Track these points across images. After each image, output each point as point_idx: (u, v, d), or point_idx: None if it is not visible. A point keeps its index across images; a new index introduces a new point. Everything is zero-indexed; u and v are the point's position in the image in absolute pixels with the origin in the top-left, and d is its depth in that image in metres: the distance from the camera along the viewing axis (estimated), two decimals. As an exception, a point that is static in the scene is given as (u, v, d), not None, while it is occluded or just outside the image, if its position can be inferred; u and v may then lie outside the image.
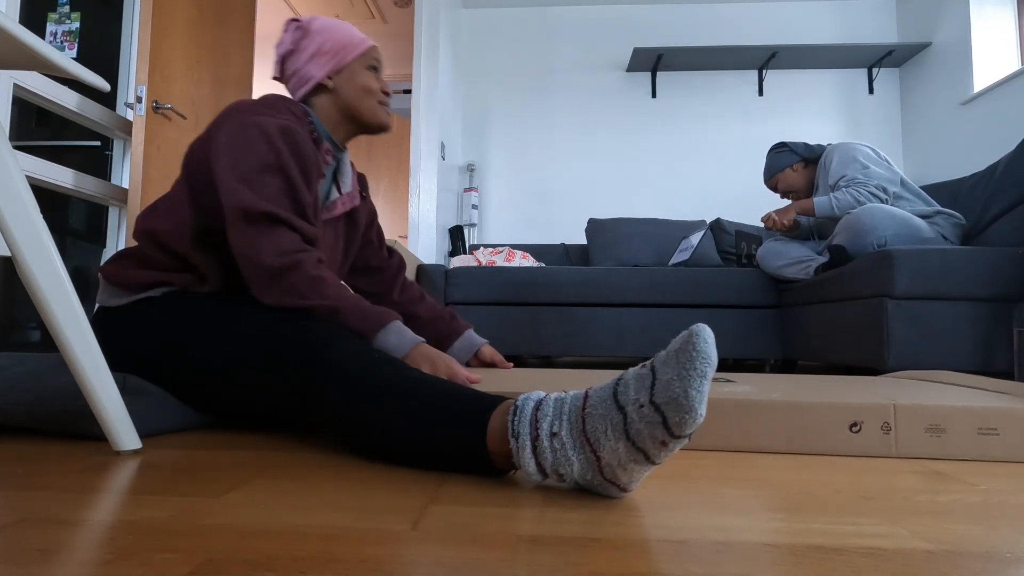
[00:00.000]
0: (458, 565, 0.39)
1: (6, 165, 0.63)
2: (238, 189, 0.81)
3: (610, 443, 0.51)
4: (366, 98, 0.99)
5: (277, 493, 0.55)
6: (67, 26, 2.44)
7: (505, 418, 0.57)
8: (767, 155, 2.30)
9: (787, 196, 2.31)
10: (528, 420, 0.55)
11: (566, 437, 0.53)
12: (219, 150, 0.84)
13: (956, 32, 3.13)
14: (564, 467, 0.53)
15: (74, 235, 2.40)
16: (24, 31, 0.59)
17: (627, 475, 0.52)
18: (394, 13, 4.24)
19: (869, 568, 0.39)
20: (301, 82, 0.98)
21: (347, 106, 0.99)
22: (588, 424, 0.52)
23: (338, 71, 0.98)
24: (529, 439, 0.54)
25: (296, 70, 0.98)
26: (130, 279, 0.86)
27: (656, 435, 0.48)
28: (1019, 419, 0.75)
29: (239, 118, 0.86)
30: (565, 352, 2.43)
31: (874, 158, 2.07)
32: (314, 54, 0.97)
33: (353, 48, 0.99)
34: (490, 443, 0.58)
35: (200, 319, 0.82)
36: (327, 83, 0.97)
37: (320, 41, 0.97)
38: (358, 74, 0.99)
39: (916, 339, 1.65)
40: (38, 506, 0.50)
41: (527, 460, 0.54)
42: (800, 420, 0.78)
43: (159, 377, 0.83)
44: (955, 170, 3.14)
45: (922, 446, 0.77)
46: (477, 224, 3.72)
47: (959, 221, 1.98)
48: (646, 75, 3.82)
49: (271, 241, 0.80)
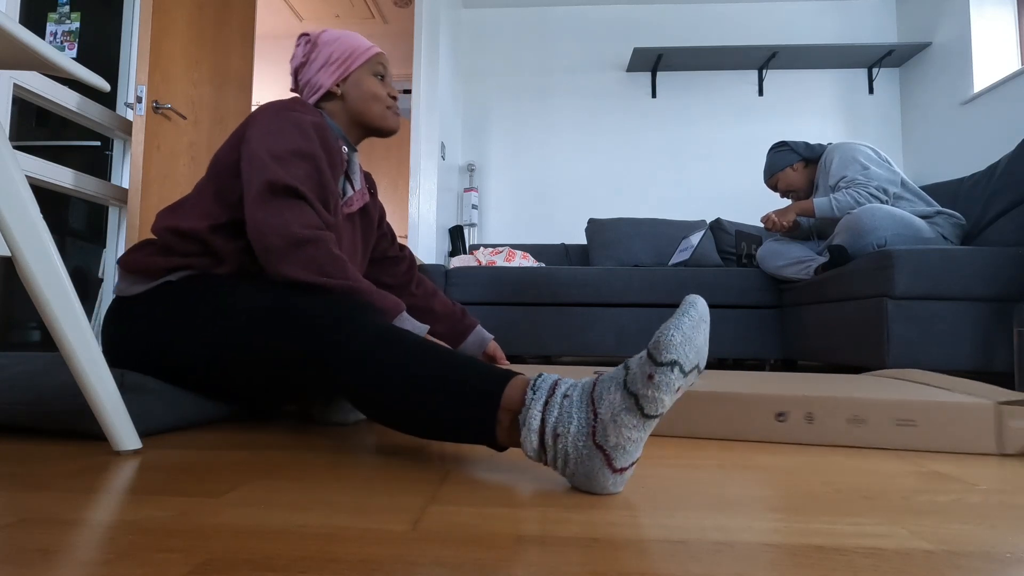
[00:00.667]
0: (458, 565, 0.39)
1: (6, 165, 0.63)
2: (269, 164, 0.84)
3: (609, 395, 0.54)
4: (373, 104, 1.03)
5: (277, 493, 0.55)
6: (67, 26, 2.44)
7: (526, 381, 0.62)
8: (768, 154, 2.30)
9: (787, 195, 2.31)
10: (549, 382, 0.60)
11: (576, 398, 0.57)
12: (252, 136, 0.87)
13: (956, 32, 3.13)
14: (563, 425, 0.55)
15: (74, 235, 2.40)
16: (24, 31, 0.59)
17: (616, 432, 0.53)
18: (394, 13, 4.25)
19: (869, 568, 0.39)
20: (312, 91, 1.03)
21: (355, 111, 1.03)
22: (598, 387, 0.57)
23: (345, 78, 1.03)
24: (545, 394, 0.58)
25: (308, 80, 1.03)
26: (151, 265, 0.87)
27: (644, 370, 0.52)
28: (933, 411, 0.80)
29: (273, 111, 0.90)
30: (565, 352, 2.42)
31: (875, 159, 2.07)
32: (323, 64, 1.02)
33: (359, 56, 1.03)
34: (504, 399, 0.60)
35: (214, 298, 0.82)
36: (335, 90, 1.03)
37: (328, 52, 1.02)
38: (364, 80, 1.04)
39: (916, 339, 1.65)
40: (38, 506, 0.50)
41: (535, 412, 0.57)
42: (730, 409, 0.87)
43: (175, 361, 0.83)
44: (955, 170, 3.14)
45: (844, 435, 0.82)
46: (477, 224, 3.72)
47: (959, 221, 1.98)
48: (646, 75, 3.82)
49: (296, 213, 0.83)
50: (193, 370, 0.84)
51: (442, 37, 3.28)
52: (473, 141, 3.89)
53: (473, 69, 3.92)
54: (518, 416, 0.59)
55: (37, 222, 0.65)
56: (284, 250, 0.80)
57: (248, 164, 0.86)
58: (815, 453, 0.78)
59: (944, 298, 1.66)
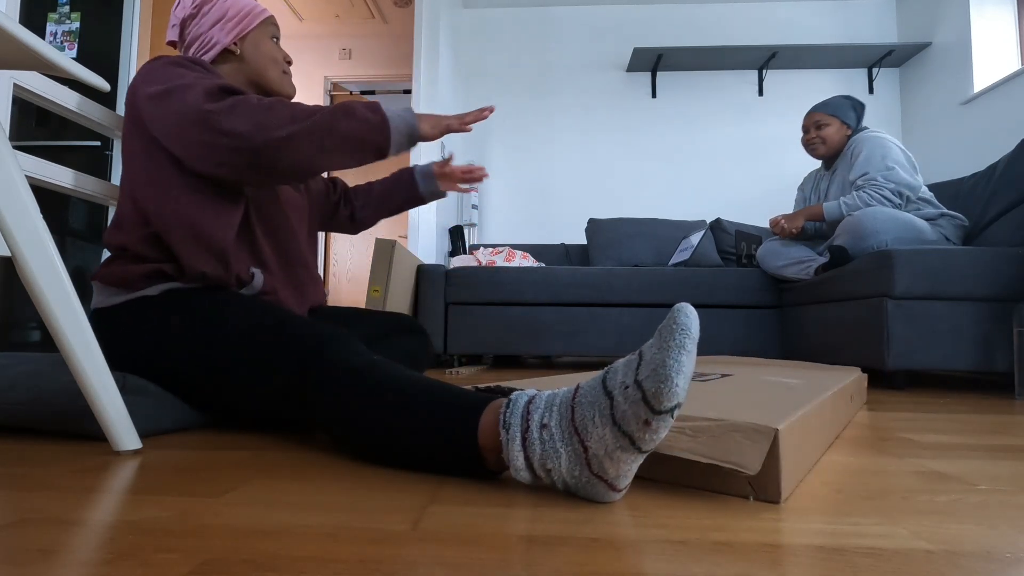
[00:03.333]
0: (458, 565, 0.39)
1: (6, 165, 0.63)
2: (188, 93, 0.80)
3: (597, 430, 0.49)
4: (271, 66, 1.00)
5: (277, 493, 0.55)
6: (67, 26, 2.44)
7: (497, 413, 0.57)
8: (838, 96, 2.16)
9: (811, 140, 2.17)
10: (520, 413, 0.54)
11: (555, 428, 0.52)
12: (144, 90, 0.84)
13: (956, 32, 3.13)
14: (552, 460, 0.52)
15: (74, 235, 2.40)
16: (24, 31, 0.59)
17: (615, 467, 0.50)
18: (394, 13, 4.24)
19: (869, 568, 0.39)
20: (204, 47, 0.97)
21: (254, 73, 0.99)
22: (577, 413, 0.51)
23: (243, 38, 0.98)
24: (519, 431, 0.53)
25: (199, 35, 0.97)
26: (127, 274, 0.85)
27: (639, 414, 0.47)
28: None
29: (161, 65, 0.86)
30: (565, 352, 2.42)
31: (903, 162, 1.99)
32: (218, 19, 0.96)
33: (257, 15, 0.99)
34: (481, 438, 0.57)
35: (196, 319, 0.81)
36: (233, 49, 0.97)
37: (224, 7, 0.97)
38: (262, 42, 1.00)
39: (916, 339, 1.65)
40: (38, 506, 0.50)
41: (516, 453, 0.53)
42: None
43: (156, 376, 0.83)
44: (955, 170, 3.14)
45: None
46: (477, 224, 3.72)
47: (963, 223, 1.97)
48: (646, 75, 3.81)
49: (246, 97, 0.80)
50: (169, 387, 0.84)
51: (442, 37, 3.28)
52: (473, 141, 3.89)
53: (473, 69, 3.92)
54: (501, 455, 0.55)
55: (37, 222, 0.65)
56: (259, 121, 0.77)
57: (162, 105, 0.81)
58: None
59: (944, 298, 1.66)
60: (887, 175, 1.96)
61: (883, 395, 1.54)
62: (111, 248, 0.88)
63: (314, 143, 0.79)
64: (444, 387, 0.64)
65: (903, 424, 1.04)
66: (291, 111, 0.80)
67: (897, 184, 1.94)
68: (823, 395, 0.78)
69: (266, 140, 0.77)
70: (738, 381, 0.90)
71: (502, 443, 0.54)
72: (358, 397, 0.65)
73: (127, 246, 0.86)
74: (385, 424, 0.63)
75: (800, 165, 3.68)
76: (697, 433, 0.55)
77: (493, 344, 2.43)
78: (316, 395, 0.68)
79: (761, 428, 0.52)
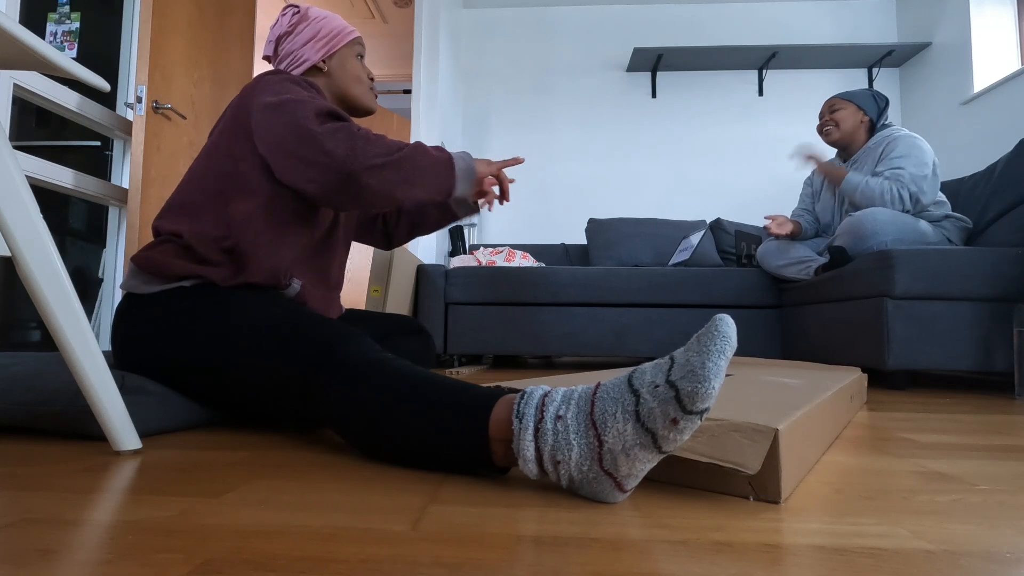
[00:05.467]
0: (458, 565, 0.39)
1: (6, 165, 0.63)
2: (299, 109, 0.86)
3: (618, 425, 0.50)
4: (356, 84, 1.08)
5: (277, 493, 0.55)
6: (67, 26, 2.44)
7: (510, 405, 0.58)
8: (864, 89, 2.13)
9: (825, 123, 2.14)
10: (535, 404, 0.55)
11: (571, 420, 0.52)
12: (263, 98, 0.90)
13: (956, 32, 3.13)
14: (562, 453, 0.52)
15: (74, 235, 2.40)
16: (24, 31, 0.59)
17: (628, 464, 0.50)
18: (394, 13, 4.24)
19: (869, 568, 0.39)
20: (295, 63, 1.05)
21: (340, 89, 1.07)
22: (597, 407, 0.52)
23: (331, 56, 1.06)
24: (533, 420, 0.53)
25: (291, 51, 1.05)
26: (167, 266, 0.85)
27: (668, 412, 0.47)
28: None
29: (278, 80, 0.93)
30: (565, 352, 2.42)
31: (931, 168, 1.94)
32: (310, 38, 1.04)
33: (345, 36, 1.07)
34: (492, 428, 0.57)
35: (219, 312, 0.82)
36: (321, 66, 1.05)
37: (317, 27, 1.05)
38: (349, 60, 1.07)
39: (916, 339, 1.65)
40: (38, 506, 0.50)
41: (527, 443, 0.53)
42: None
43: (173, 368, 0.83)
44: (955, 170, 3.14)
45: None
46: (477, 224, 3.72)
47: (966, 224, 1.97)
48: (646, 75, 3.82)
49: (350, 124, 0.87)
50: (183, 379, 0.84)
51: (442, 37, 3.28)
52: (473, 141, 3.89)
53: (473, 69, 3.92)
54: (511, 445, 0.56)
55: (37, 222, 0.65)
56: (352, 150, 0.84)
57: (272, 116, 0.87)
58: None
59: (944, 298, 1.66)
60: (914, 177, 1.90)
61: (883, 395, 1.54)
62: (163, 232, 0.89)
63: (400, 175, 0.87)
64: (456, 381, 0.65)
65: (903, 424, 1.04)
66: (386, 145, 0.87)
67: (918, 187, 1.90)
68: (823, 395, 0.78)
69: (360, 167, 0.84)
70: (738, 381, 0.90)
71: (514, 432, 0.54)
72: (371, 390, 0.66)
73: (184, 235, 0.87)
74: (395, 414, 0.63)
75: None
76: (697, 433, 0.55)
77: (493, 344, 2.43)
78: (330, 388, 0.68)
79: (761, 428, 0.52)
